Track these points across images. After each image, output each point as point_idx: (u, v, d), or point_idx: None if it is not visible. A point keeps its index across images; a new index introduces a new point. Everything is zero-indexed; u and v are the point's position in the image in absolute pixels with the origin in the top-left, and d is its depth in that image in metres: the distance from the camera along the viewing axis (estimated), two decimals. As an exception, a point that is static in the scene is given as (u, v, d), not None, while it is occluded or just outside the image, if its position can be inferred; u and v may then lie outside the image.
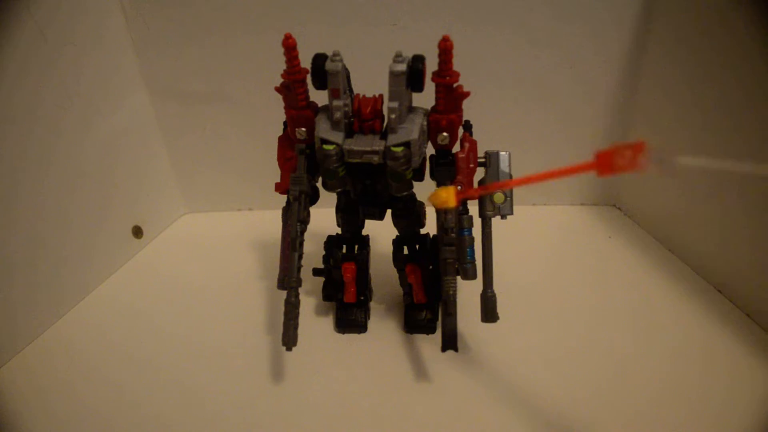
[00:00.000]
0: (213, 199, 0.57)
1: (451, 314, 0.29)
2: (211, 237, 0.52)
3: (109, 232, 0.45)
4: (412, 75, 0.27)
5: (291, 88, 0.29)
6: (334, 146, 0.28)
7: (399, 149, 0.27)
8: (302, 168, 0.30)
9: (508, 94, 0.50)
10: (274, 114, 0.32)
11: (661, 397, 0.29)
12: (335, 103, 0.28)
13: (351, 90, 0.29)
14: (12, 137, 0.35)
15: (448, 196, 0.25)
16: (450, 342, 0.29)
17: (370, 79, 0.30)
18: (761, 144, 0.35)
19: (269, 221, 0.53)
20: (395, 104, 0.27)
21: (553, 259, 0.46)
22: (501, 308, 0.30)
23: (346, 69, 0.28)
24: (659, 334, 0.35)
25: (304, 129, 0.30)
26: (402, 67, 0.26)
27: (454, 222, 0.28)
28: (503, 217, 0.30)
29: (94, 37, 0.43)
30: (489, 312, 0.30)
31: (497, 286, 0.30)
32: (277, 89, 0.29)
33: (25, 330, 0.36)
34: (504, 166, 0.30)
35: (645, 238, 0.49)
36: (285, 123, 0.32)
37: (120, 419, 0.29)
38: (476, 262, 0.30)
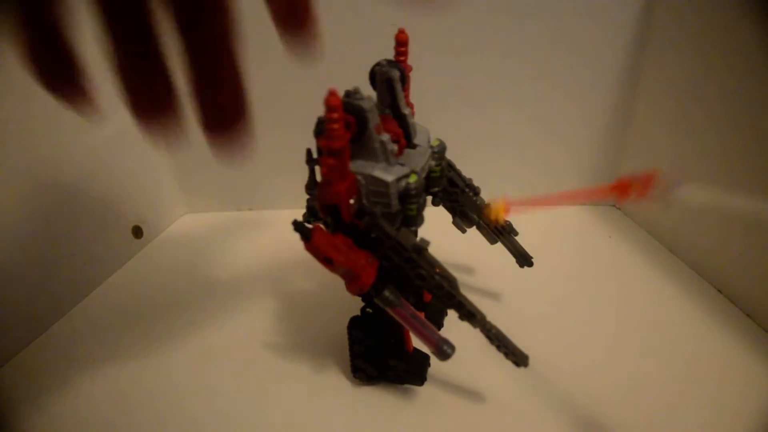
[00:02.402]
0: (213, 199, 0.57)
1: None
2: (211, 237, 0.52)
3: (110, 232, 0.46)
4: (402, 76, 0.27)
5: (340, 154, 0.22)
6: (416, 176, 0.25)
7: (437, 142, 0.29)
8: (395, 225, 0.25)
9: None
10: (274, 114, 0.32)
11: (660, 396, 0.29)
12: (384, 137, 0.24)
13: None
14: (11, 138, 0.35)
15: (500, 208, 0.28)
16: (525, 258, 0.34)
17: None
18: (759, 147, 0.35)
19: (269, 221, 0.54)
20: (407, 109, 0.28)
21: (553, 259, 0.46)
22: (500, 308, 0.30)
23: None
24: (659, 333, 0.35)
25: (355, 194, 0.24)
26: (397, 72, 0.27)
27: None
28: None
29: (94, 37, 0.43)
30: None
31: (496, 287, 0.30)
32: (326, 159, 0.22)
33: (26, 329, 0.36)
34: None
35: (645, 238, 0.49)
36: (310, 210, 0.27)
37: (119, 418, 0.29)
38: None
